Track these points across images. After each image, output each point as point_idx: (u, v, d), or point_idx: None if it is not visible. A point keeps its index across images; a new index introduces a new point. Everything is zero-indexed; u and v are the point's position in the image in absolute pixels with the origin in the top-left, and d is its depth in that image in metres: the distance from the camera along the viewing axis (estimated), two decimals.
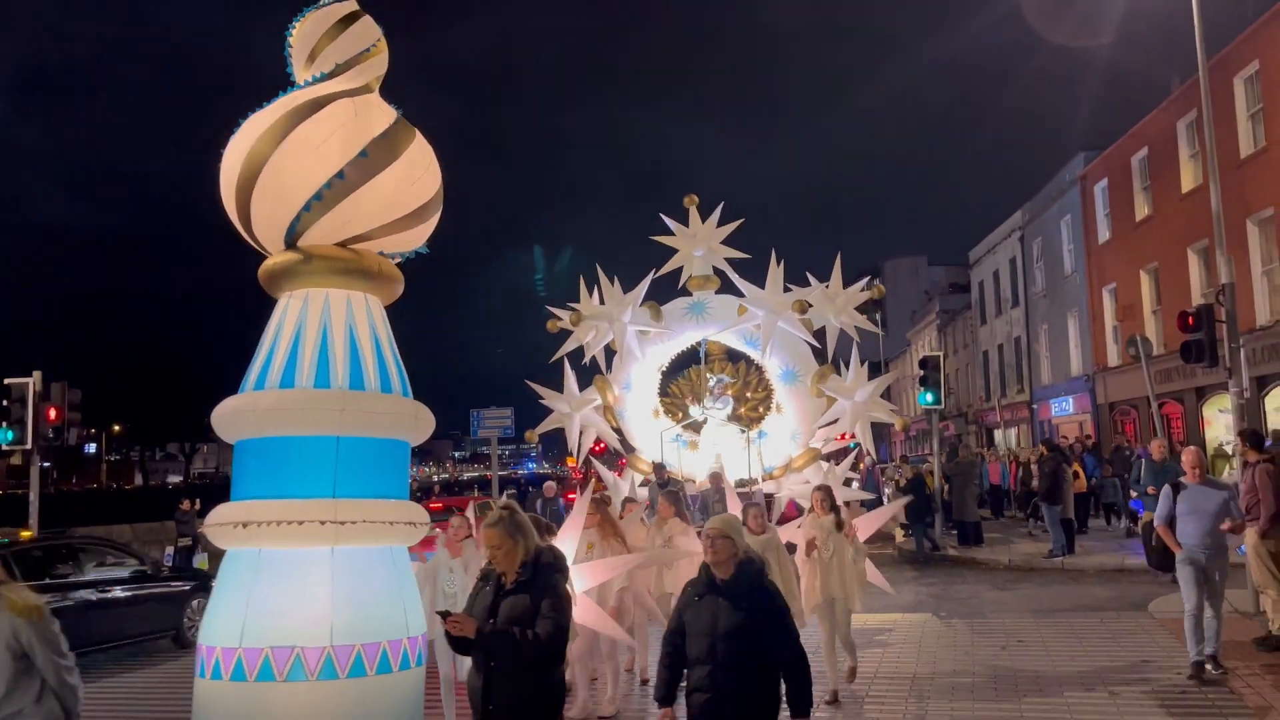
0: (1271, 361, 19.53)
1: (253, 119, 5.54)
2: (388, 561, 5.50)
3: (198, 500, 19.98)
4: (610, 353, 16.79)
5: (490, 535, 4.20)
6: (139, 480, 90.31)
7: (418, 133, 5.83)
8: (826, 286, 15.62)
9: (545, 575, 4.15)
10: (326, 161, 5.38)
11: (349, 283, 5.75)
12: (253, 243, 5.90)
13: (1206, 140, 14.86)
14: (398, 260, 6.13)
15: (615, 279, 16.34)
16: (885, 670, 8.50)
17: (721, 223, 17.14)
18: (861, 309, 15.84)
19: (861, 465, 21.80)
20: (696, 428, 16.87)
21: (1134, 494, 12.81)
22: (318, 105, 5.45)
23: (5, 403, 14.47)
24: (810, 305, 15.20)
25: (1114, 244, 28.45)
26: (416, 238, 6.02)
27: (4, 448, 15.38)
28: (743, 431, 16.30)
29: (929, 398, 18.97)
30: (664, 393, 17.89)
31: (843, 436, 17.65)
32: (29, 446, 14.53)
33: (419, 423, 5.86)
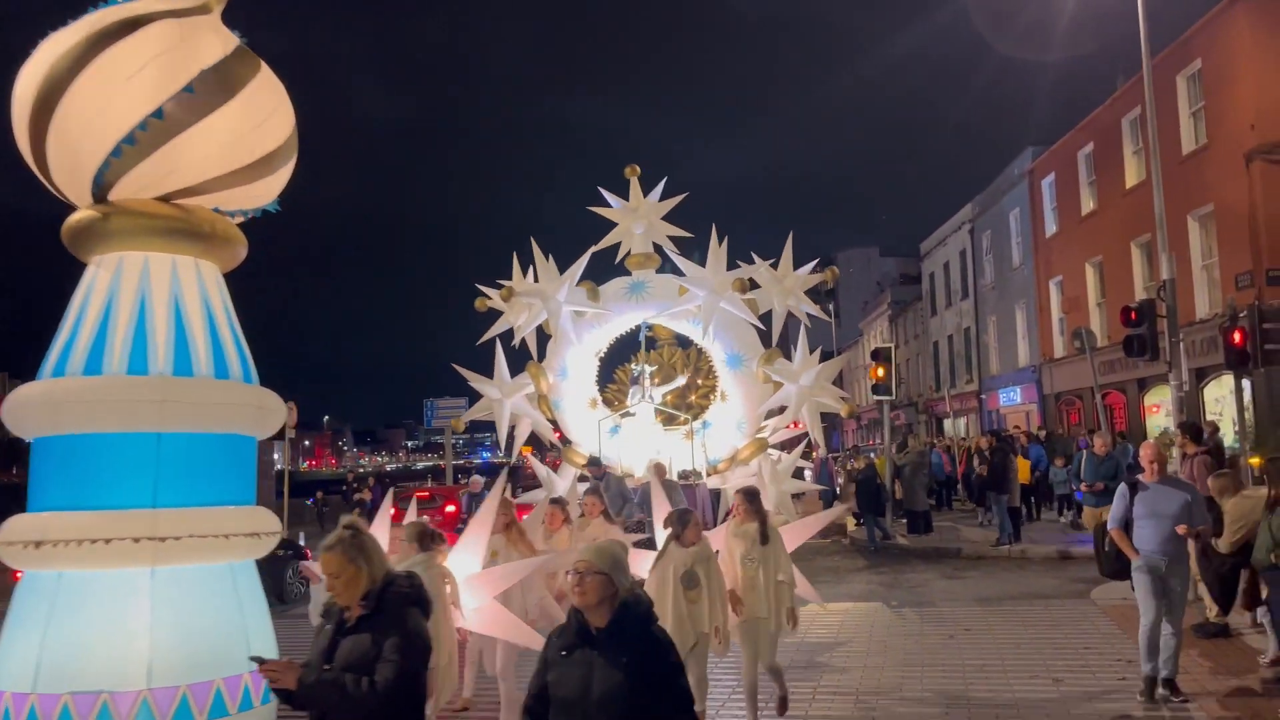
0: (1210, 354, 20.10)
1: (50, 40, 4.46)
2: (225, 581, 4.60)
3: None
4: (545, 337, 15.85)
5: (327, 561, 3.43)
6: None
7: (264, 66, 4.83)
8: (775, 267, 15.04)
9: (393, 608, 3.39)
10: (140, 97, 4.37)
11: (173, 245, 4.76)
12: (56, 193, 4.86)
13: (1150, 137, 15.23)
14: (240, 219, 5.18)
15: (550, 256, 15.22)
16: (837, 660, 8.63)
17: (664, 198, 16.32)
18: (814, 296, 15.61)
19: (815, 455, 21.44)
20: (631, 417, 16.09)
21: (1076, 486, 13.06)
22: (131, 26, 4.39)
23: None
24: (752, 284, 14.52)
25: (1060, 237, 29.02)
26: (262, 192, 5.01)
27: None
28: (680, 421, 15.36)
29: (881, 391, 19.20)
30: (610, 380, 17.19)
31: (795, 425, 17.16)
32: None
33: (265, 414, 4.95)
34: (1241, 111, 19.44)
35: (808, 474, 19.54)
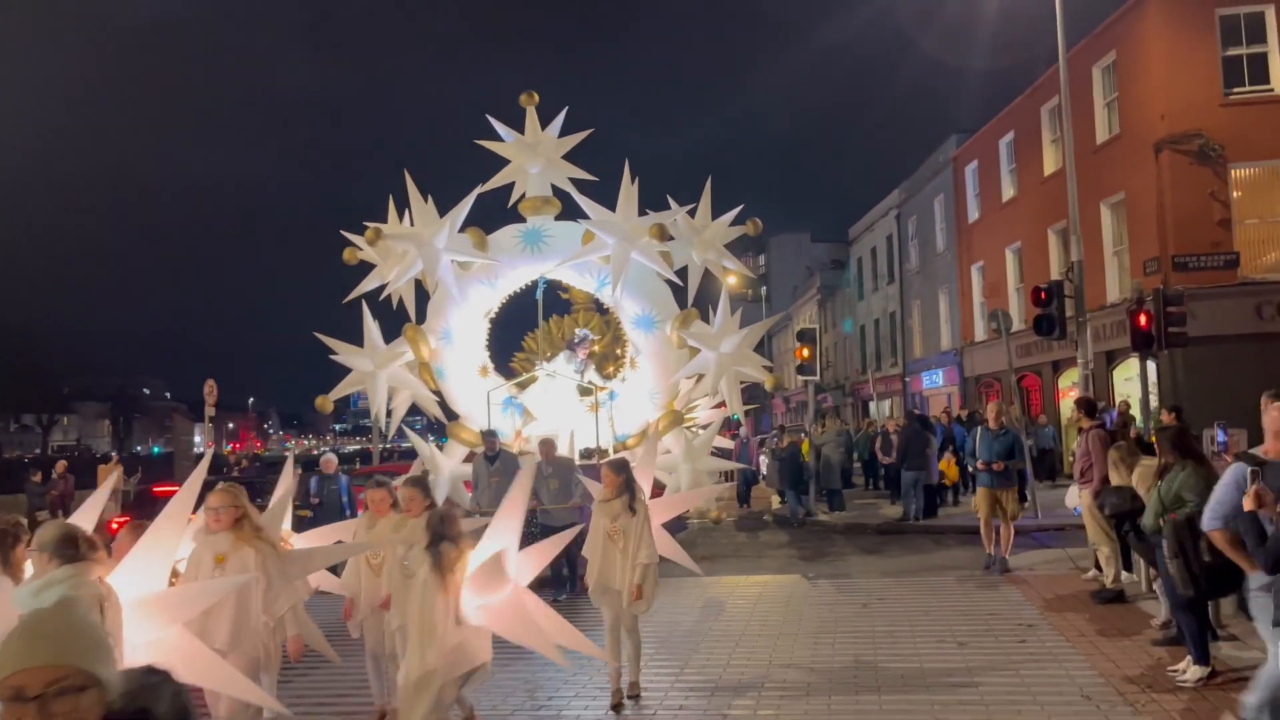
0: (1120, 337, 20.82)
1: None
2: None
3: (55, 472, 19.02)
4: (425, 297, 13.65)
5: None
6: None
7: None
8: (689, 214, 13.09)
9: None
10: None
11: None
12: None
13: (1065, 126, 15.69)
14: None
15: (429, 197, 12.88)
16: (752, 629, 8.78)
17: (566, 133, 13.90)
18: (745, 269, 14.61)
19: (732, 434, 21.13)
20: (528, 387, 13.94)
21: (971, 465, 11.82)
22: None
23: None
24: (670, 235, 12.53)
25: (982, 223, 29.73)
26: None
27: None
28: (586, 393, 13.49)
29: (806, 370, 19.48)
30: (518, 349, 15.10)
31: (723, 407, 16.25)
32: None
33: None
34: (1152, 102, 20.12)
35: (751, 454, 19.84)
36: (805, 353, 19.23)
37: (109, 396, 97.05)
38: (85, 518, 5.21)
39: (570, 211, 13.32)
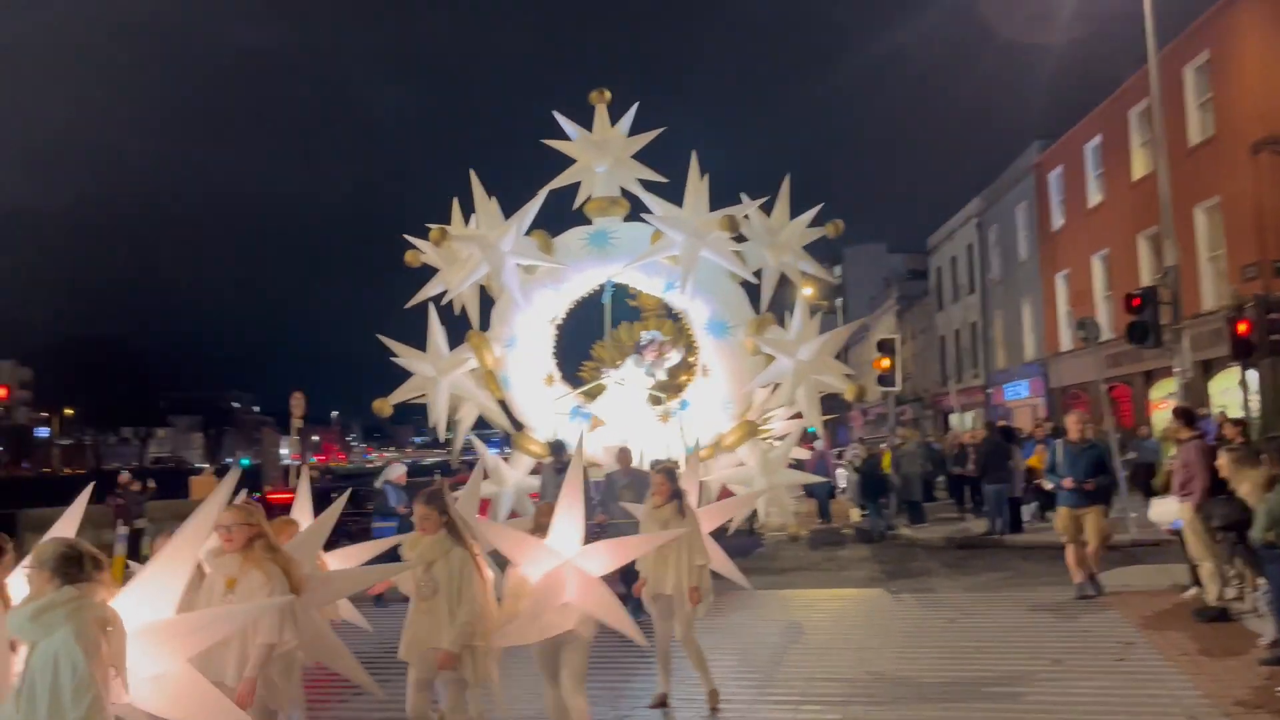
0: (1216, 346, 20.03)
1: None
2: None
3: (150, 483, 19.71)
4: (490, 302, 13.26)
5: None
6: (92, 464, 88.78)
7: None
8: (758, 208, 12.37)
9: None
10: None
11: None
12: None
13: (1156, 129, 15.20)
14: None
15: (494, 197, 12.50)
16: (836, 641, 8.65)
17: (638, 131, 13.36)
18: (820, 291, 14.89)
19: (809, 446, 19.93)
20: (597, 396, 13.38)
21: (1053, 484, 10.46)
22: None
23: None
24: (741, 231, 11.92)
25: (1067, 231, 28.94)
26: None
27: None
28: (657, 401, 12.96)
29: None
30: (586, 356, 14.43)
31: (799, 417, 15.38)
32: None
33: None
34: (1249, 103, 19.37)
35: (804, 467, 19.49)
36: (886, 363, 18.93)
37: (201, 410, 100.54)
38: (66, 528, 4.68)
39: (639, 214, 12.81)
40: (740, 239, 11.99)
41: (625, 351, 13.94)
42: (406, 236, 13.13)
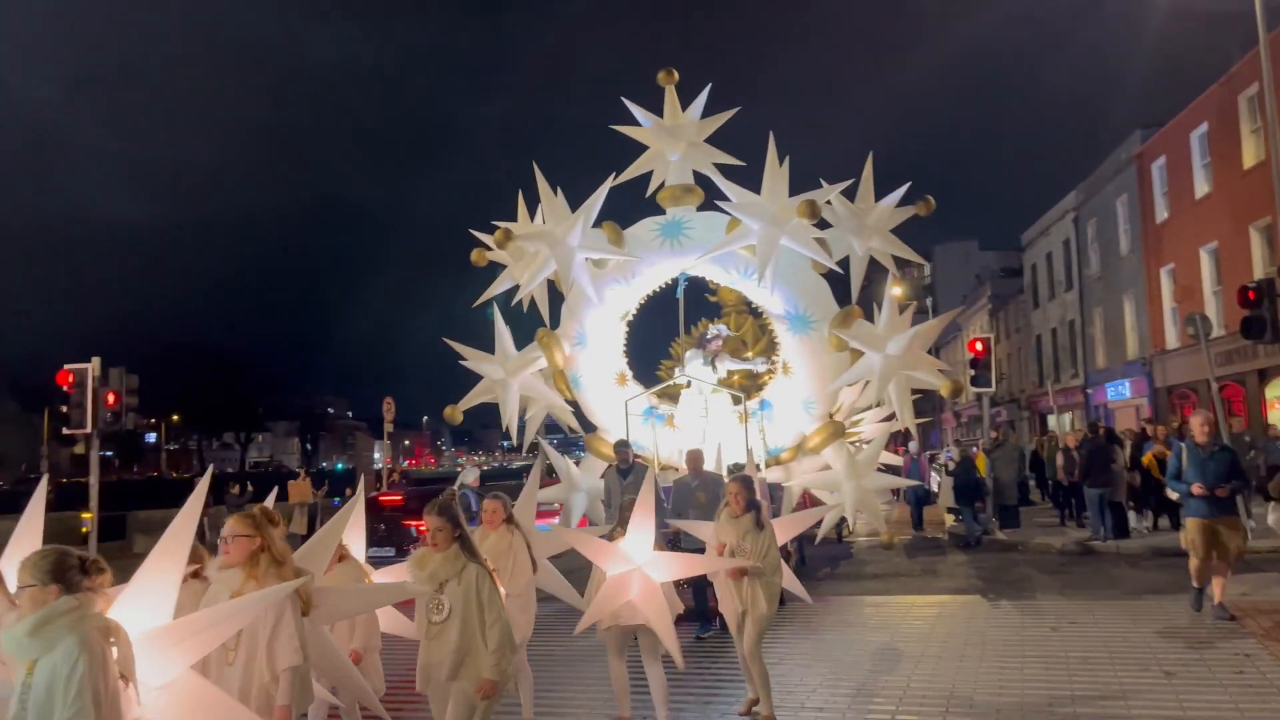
0: None
1: None
2: None
3: (249, 486, 20.35)
4: (559, 299, 12.65)
5: None
6: (197, 468, 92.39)
7: None
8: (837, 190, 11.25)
9: None
10: None
11: None
12: None
13: (1269, 114, 14.41)
14: None
15: (559, 189, 11.87)
16: (932, 650, 8.37)
17: (711, 112, 12.65)
18: (913, 291, 14.33)
19: (901, 449, 19.55)
20: (674, 395, 12.83)
21: (1176, 492, 9.77)
22: None
23: (66, 387, 14.84)
24: (823, 217, 10.96)
25: (1172, 223, 27.72)
26: None
27: (66, 432, 15.82)
28: (737, 401, 12.27)
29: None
30: (665, 355, 13.89)
31: (891, 418, 14.52)
32: (89, 430, 14.90)
33: None
34: None
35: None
36: (979, 345, 18.35)
37: (297, 416, 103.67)
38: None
39: (714, 203, 11.96)
40: (823, 226, 11.16)
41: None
42: (473, 232, 12.56)
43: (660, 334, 14.17)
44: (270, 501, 5.53)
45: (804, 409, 11.95)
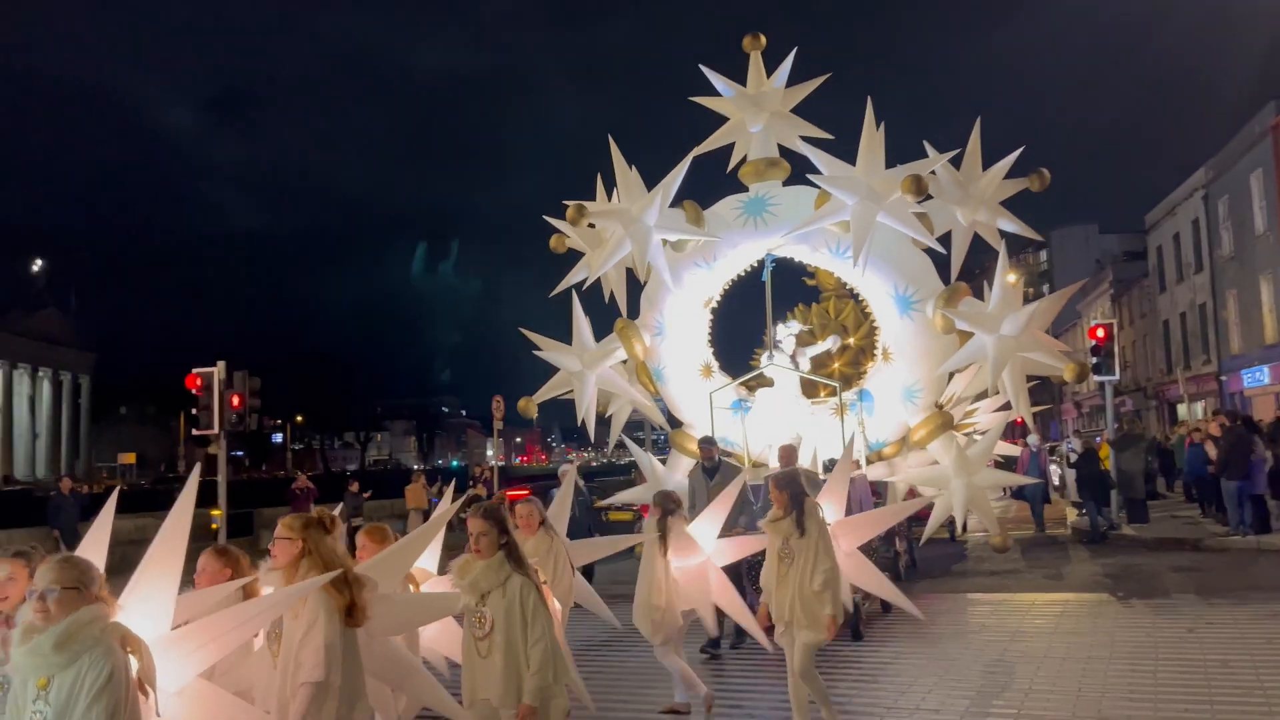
0: None
1: None
2: None
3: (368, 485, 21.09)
4: (638, 288, 11.84)
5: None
6: (320, 467, 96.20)
7: None
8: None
9: None
10: None
11: None
12: None
13: None
14: None
15: (634, 167, 11.05)
16: (1055, 652, 8.01)
17: (797, 80, 11.64)
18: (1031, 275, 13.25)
19: (1018, 442, 18.23)
20: (767, 386, 12.01)
21: None
22: None
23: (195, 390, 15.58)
24: (927, 192, 9.91)
25: None
26: None
27: (196, 433, 16.62)
28: (826, 392, 11.43)
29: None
30: (758, 344, 12.94)
31: (1020, 421, 13.72)
32: (216, 430, 15.61)
33: None
34: None
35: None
36: (1100, 332, 17.49)
37: (413, 415, 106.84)
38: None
39: (803, 177, 10.94)
40: (924, 199, 10.13)
41: (802, 337, 12.85)
42: (548, 219, 11.83)
43: (751, 321, 13.24)
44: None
45: (907, 398, 10.97)
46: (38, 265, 77.62)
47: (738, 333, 13.21)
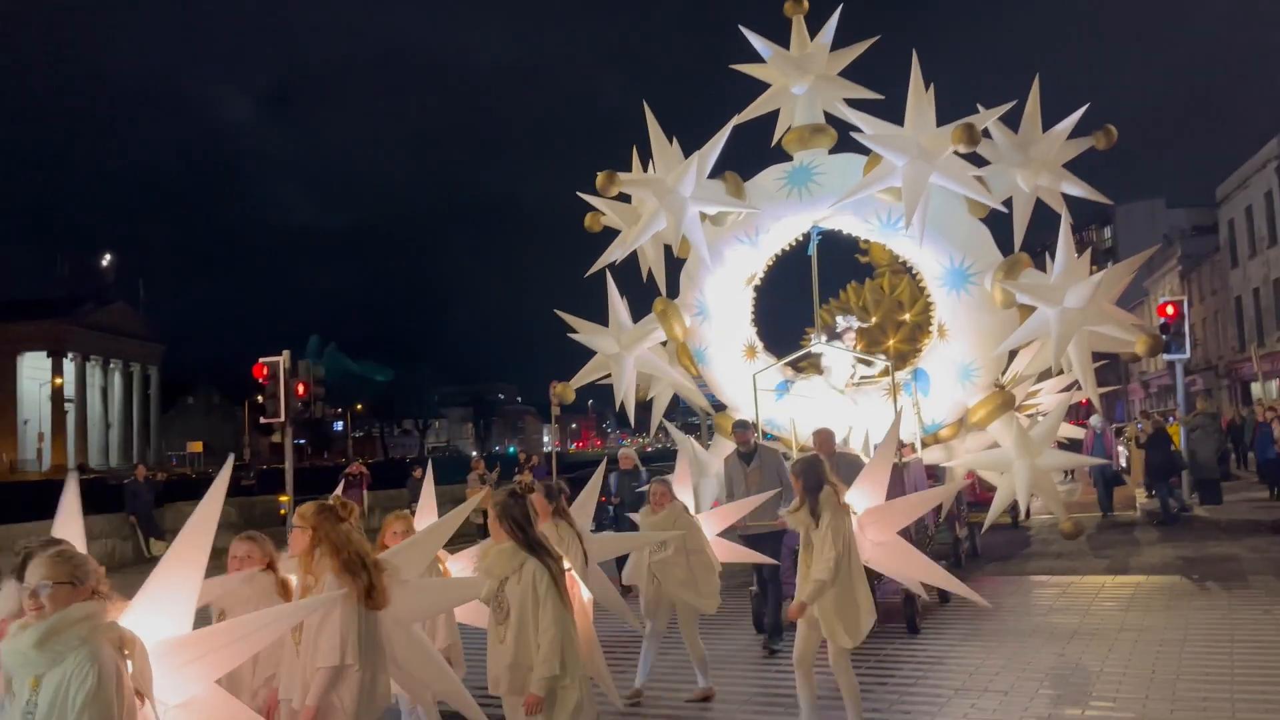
0: None
1: None
2: None
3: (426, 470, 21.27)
4: (677, 266, 11.29)
5: None
6: (381, 454, 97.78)
7: None
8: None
9: None
10: None
11: None
12: None
13: None
14: None
15: (674, 139, 10.46)
16: (1127, 635, 7.83)
17: (843, 43, 10.86)
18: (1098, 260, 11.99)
19: (1082, 422, 17.30)
20: (816, 367, 11.45)
21: None
22: None
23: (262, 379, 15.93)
24: (982, 154, 9.38)
25: None
26: None
27: (263, 421, 17.01)
28: (885, 372, 10.63)
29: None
30: (809, 323, 12.21)
31: (1085, 403, 13.02)
32: (282, 418, 15.95)
33: None
34: None
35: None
36: (1170, 309, 17.01)
37: (470, 402, 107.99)
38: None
39: (849, 144, 10.20)
40: (978, 164, 9.56)
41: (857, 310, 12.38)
42: (582, 195, 11.11)
43: (797, 300, 12.29)
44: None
45: (964, 377, 10.20)
46: (107, 260, 80.00)
47: (784, 312, 12.48)
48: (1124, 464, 20.27)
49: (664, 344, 11.48)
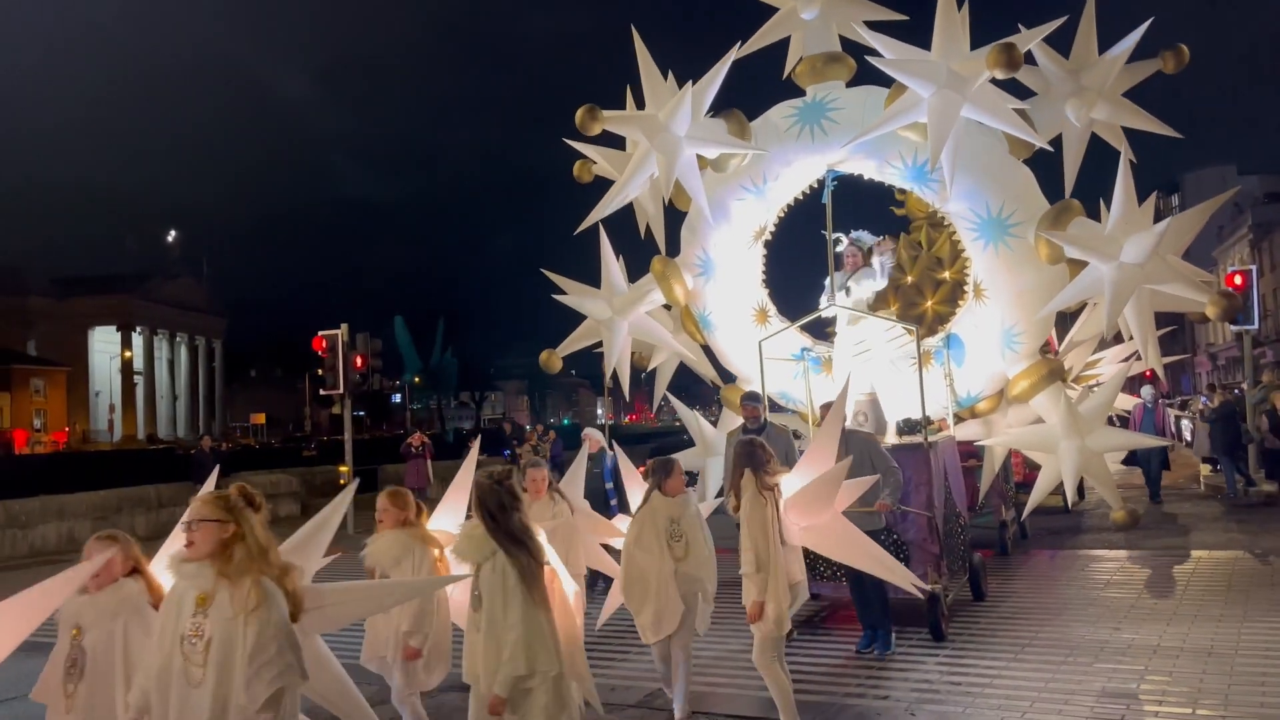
0: None
1: None
2: None
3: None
4: (679, 218, 9.76)
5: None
6: (438, 427, 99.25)
7: None
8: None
9: None
10: None
11: None
12: None
13: None
14: None
15: (670, 73, 8.75)
16: (1185, 609, 7.72)
17: None
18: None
19: (1134, 396, 14.80)
20: (826, 331, 9.99)
21: None
22: None
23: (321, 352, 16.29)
24: (1026, 84, 8.10)
25: None
26: None
27: (323, 393, 17.42)
28: (900, 330, 8.84)
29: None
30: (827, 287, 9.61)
31: (1149, 374, 11.75)
32: (341, 391, 16.30)
33: None
34: None
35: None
36: (1239, 279, 16.53)
37: (525, 375, 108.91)
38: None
39: (869, 76, 8.44)
40: (1023, 96, 8.02)
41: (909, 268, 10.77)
42: (569, 142, 9.58)
43: (814, 257, 10.14)
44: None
45: (1006, 344, 8.53)
46: (172, 235, 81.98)
47: (799, 271, 10.58)
48: (1188, 439, 19.81)
49: (668, 308, 10.13)
